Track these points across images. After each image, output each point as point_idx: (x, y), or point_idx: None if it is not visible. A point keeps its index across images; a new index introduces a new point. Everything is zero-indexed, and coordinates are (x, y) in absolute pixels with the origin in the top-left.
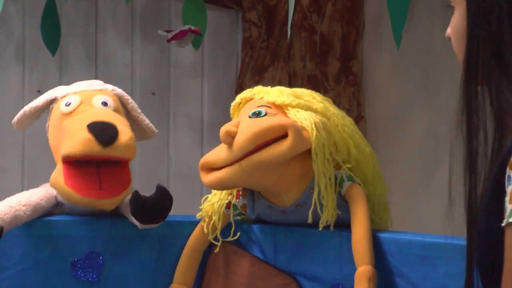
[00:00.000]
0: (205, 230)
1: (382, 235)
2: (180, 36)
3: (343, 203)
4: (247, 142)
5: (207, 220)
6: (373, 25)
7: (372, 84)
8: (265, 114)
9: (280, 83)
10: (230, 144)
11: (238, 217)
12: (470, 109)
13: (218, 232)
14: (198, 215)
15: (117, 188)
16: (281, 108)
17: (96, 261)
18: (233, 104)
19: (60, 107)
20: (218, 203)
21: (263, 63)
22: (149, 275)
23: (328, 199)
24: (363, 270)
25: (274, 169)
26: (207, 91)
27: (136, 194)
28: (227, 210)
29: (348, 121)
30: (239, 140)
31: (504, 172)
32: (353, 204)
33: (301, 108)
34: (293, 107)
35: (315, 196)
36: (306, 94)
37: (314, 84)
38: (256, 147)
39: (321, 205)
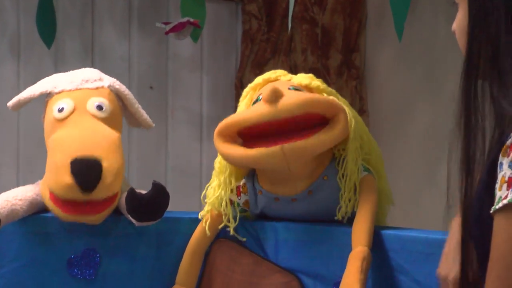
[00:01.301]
0: (207, 232)
1: (386, 232)
2: (178, 29)
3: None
4: (296, 105)
5: (209, 217)
6: (375, 17)
7: (374, 78)
8: (298, 90)
9: None
10: (273, 103)
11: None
12: (469, 110)
13: (230, 215)
14: (201, 212)
15: (102, 205)
16: (313, 92)
17: (93, 258)
18: (251, 85)
19: (53, 111)
20: (225, 195)
21: (263, 56)
22: (147, 273)
23: (352, 189)
24: (357, 250)
25: (313, 157)
26: (206, 84)
27: (131, 192)
28: (230, 207)
29: (359, 118)
30: (288, 101)
31: (497, 161)
32: (363, 193)
33: (335, 95)
34: (327, 93)
35: (342, 186)
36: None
37: (315, 77)
38: (303, 116)
39: (333, 193)
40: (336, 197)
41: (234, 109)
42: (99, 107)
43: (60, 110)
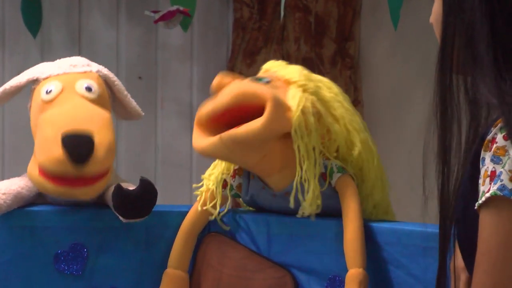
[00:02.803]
0: (199, 208)
1: (382, 225)
2: (168, 17)
3: (335, 194)
4: (228, 98)
5: (203, 196)
6: (370, 5)
7: (369, 67)
8: (267, 82)
9: None
10: (216, 96)
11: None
12: (445, 100)
13: (218, 200)
14: (196, 190)
15: (94, 178)
16: (287, 85)
17: (80, 253)
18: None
19: (41, 94)
20: (221, 176)
21: (255, 45)
22: (136, 268)
23: (310, 186)
24: (354, 273)
25: (253, 147)
26: (197, 74)
27: (118, 188)
28: (224, 189)
29: (359, 118)
30: (223, 94)
31: (479, 156)
32: (343, 199)
33: (306, 90)
34: (299, 86)
35: (296, 180)
36: (321, 81)
37: (308, 67)
38: (235, 107)
39: (302, 192)
40: None
41: None
42: (88, 89)
43: (48, 92)
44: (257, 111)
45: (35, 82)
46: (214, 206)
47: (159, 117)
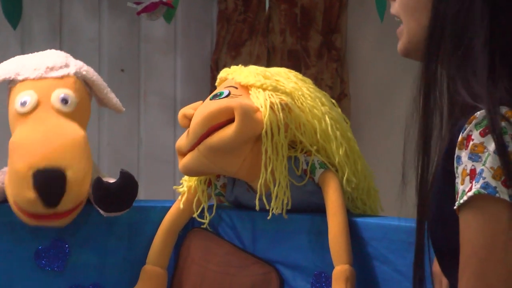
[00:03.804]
0: (181, 205)
1: (367, 220)
2: (151, 9)
3: (319, 190)
4: (198, 126)
5: (186, 193)
6: None
7: (356, 60)
8: (227, 95)
9: (258, 58)
10: (187, 128)
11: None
12: (428, 89)
13: (205, 204)
14: (178, 189)
15: (68, 211)
16: (247, 89)
17: (61, 249)
18: (216, 83)
19: (15, 104)
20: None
21: (240, 37)
22: (119, 264)
23: (276, 185)
24: (340, 270)
25: (229, 153)
26: (180, 67)
27: (98, 181)
28: (208, 188)
29: (321, 102)
30: (192, 124)
31: (453, 155)
32: (326, 195)
33: (266, 88)
34: (257, 87)
35: (260, 181)
36: (280, 74)
37: (294, 59)
38: (208, 130)
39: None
40: (295, 196)
41: (209, 93)
42: (64, 101)
43: (23, 104)
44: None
45: (11, 82)
46: (198, 203)
47: (142, 110)
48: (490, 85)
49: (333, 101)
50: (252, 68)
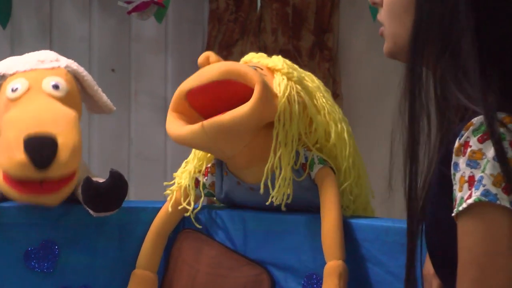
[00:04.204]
0: (169, 209)
1: (359, 222)
2: (142, 8)
3: (314, 187)
4: (214, 71)
5: (174, 196)
6: None
7: (348, 60)
8: (254, 69)
9: None
10: (202, 67)
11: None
12: (414, 93)
13: (192, 196)
14: (167, 189)
15: (59, 183)
16: (272, 74)
17: (51, 250)
18: None
19: (6, 91)
20: (192, 174)
21: (231, 37)
22: (109, 265)
23: (284, 174)
24: (332, 265)
25: (235, 136)
26: (171, 67)
27: (87, 181)
28: (196, 188)
29: (337, 108)
30: (209, 68)
31: (449, 161)
32: (322, 190)
33: (290, 78)
34: (283, 74)
35: (268, 166)
36: (304, 72)
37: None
38: (221, 82)
39: (273, 178)
40: (295, 189)
41: None
42: (55, 86)
43: (14, 90)
44: (240, 100)
45: (1, 78)
46: (187, 204)
47: (133, 111)
48: (483, 86)
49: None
50: (280, 57)
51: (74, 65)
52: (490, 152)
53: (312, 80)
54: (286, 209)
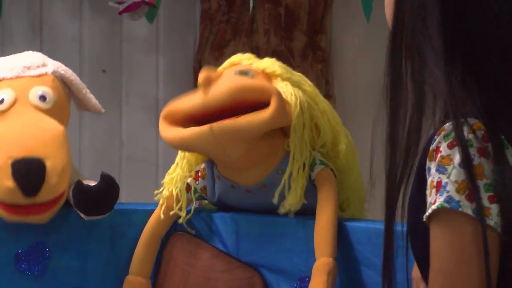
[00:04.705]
0: (161, 215)
1: (352, 224)
2: (133, 8)
3: (312, 188)
4: (225, 94)
5: (165, 202)
6: None
7: (341, 61)
8: (252, 76)
9: None
10: (206, 90)
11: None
12: (394, 84)
13: (184, 203)
14: (157, 195)
15: (48, 204)
16: (269, 78)
17: (42, 253)
18: (220, 68)
19: None
20: (181, 180)
21: (223, 37)
22: (100, 268)
23: (298, 183)
24: (322, 262)
25: (245, 141)
26: (163, 68)
27: (78, 184)
28: (187, 193)
29: (335, 112)
30: (217, 89)
31: (424, 165)
32: (321, 189)
33: (291, 83)
34: (283, 79)
35: (285, 176)
36: (298, 74)
37: (278, 60)
38: (232, 102)
39: (289, 187)
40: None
41: None
42: (42, 98)
43: (0, 102)
44: (241, 108)
45: None
46: (179, 209)
47: (124, 112)
48: (450, 76)
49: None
50: (271, 59)
51: (61, 69)
52: (457, 158)
53: (306, 82)
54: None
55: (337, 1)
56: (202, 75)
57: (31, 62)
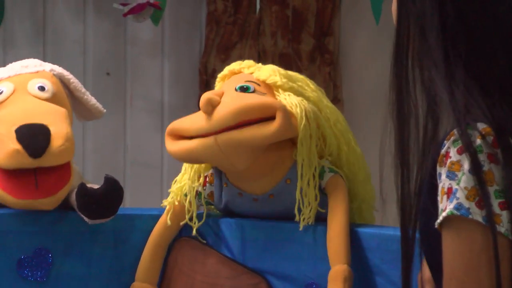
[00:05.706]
0: (168, 222)
1: (361, 230)
2: (137, 10)
3: (322, 196)
4: (229, 116)
5: (172, 208)
6: None
7: (350, 64)
8: (253, 91)
9: None
10: (209, 114)
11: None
12: (401, 95)
13: (194, 213)
14: (164, 201)
15: (55, 186)
16: (270, 89)
17: (44, 258)
18: (220, 75)
19: None
20: (190, 186)
21: (229, 40)
22: (104, 274)
23: (310, 195)
24: (338, 270)
25: (251, 151)
26: (168, 71)
27: (82, 187)
28: (194, 198)
29: (341, 117)
30: (221, 112)
31: (435, 171)
32: (332, 196)
33: (293, 92)
34: (285, 90)
35: (298, 192)
36: (300, 79)
37: (286, 63)
38: (237, 123)
39: (303, 202)
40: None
41: (197, 97)
42: (41, 88)
43: (0, 93)
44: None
45: None
46: (190, 219)
47: (128, 115)
48: (451, 82)
49: (342, 115)
50: (272, 66)
51: (59, 69)
52: (467, 164)
53: (308, 86)
54: (287, 219)
55: (345, 3)
56: (203, 100)
57: (28, 63)
